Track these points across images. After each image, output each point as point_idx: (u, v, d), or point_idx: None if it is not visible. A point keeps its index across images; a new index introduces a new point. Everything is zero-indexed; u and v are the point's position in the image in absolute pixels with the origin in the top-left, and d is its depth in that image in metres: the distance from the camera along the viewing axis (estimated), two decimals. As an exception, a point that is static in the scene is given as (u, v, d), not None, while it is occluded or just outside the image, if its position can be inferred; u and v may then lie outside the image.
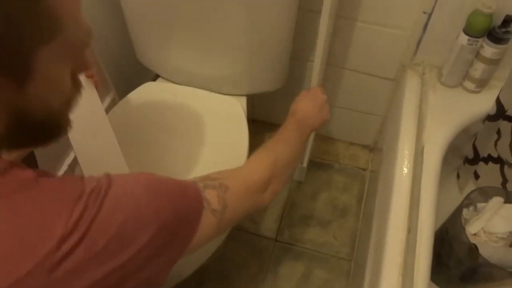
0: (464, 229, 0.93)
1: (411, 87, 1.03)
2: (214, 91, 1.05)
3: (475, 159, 1.06)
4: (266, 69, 1.02)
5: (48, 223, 0.35)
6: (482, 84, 0.99)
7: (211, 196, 0.51)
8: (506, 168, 1.00)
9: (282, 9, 0.88)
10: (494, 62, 0.93)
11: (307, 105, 0.84)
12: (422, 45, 1.02)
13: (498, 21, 0.88)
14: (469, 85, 0.99)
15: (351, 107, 1.30)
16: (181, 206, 0.46)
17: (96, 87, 0.66)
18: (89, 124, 0.65)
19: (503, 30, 0.88)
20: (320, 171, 1.39)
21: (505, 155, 0.97)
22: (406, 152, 0.89)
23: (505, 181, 1.02)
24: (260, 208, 0.64)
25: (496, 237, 0.91)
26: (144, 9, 0.94)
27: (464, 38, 0.91)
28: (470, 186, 1.11)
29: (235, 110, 1.02)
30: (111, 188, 0.40)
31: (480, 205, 0.99)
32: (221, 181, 0.55)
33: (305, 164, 1.28)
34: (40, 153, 0.70)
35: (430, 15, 0.94)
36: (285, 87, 1.11)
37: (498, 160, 1.02)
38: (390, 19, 1.01)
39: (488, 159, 1.04)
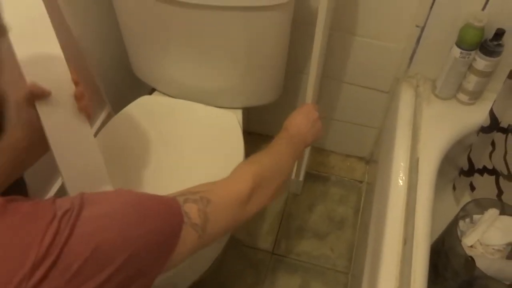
0: (460, 241, 0.93)
1: (405, 99, 1.04)
2: (210, 104, 1.06)
3: (470, 170, 1.07)
4: (261, 83, 1.03)
5: (20, 250, 0.35)
6: (475, 96, 1.00)
7: (191, 210, 0.51)
8: (501, 179, 1.01)
9: (276, 23, 0.89)
10: (486, 75, 0.94)
11: (300, 121, 0.85)
12: (415, 58, 1.03)
13: (490, 34, 0.89)
14: (463, 97, 1.00)
15: (347, 119, 1.31)
16: (161, 222, 0.46)
17: (89, 119, 0.63)
18: (77, 150, 0.63)
19: (495, 43, 0.89)
20: (317, 183, 1.39)
21: (500, 167, 0.97)
22: (401, 164, 0.90)
23: (500, 192, 1.02)
24: (245, 220, 0.63)
25: (493, 249, 0.91)
26: (140, 24, 0.95)
27: (456, 51, 0.92)
28: (466, 198, 1.11)
29: (230, 123, 1.03)
30: (83, 209, 0.39)
31: (476, 216, 0.99)
32: (202, 194, 0.55)
33: (301, 178, 1.28)
34: (30, 177, 0.70)
35: (423, 28, 0.95)
36: (280, 99, 1.12)
37: (493, 172, 1.02)
38: (383, 33, 1.02)
39: (484, 170, 1.04)
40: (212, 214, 0.54)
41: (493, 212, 0.97)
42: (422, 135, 0.95)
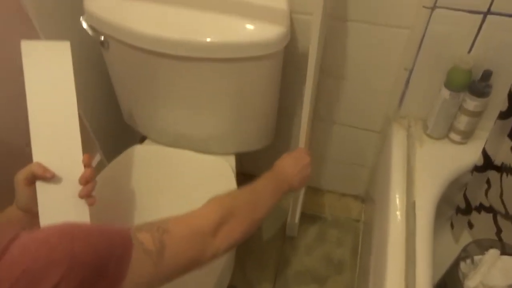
0: (462, 283, 0.91)
1: (398, 140, 1.04)
2: (202, 151, 1.05)
3: (467, 209, 1.06)
4: (253, 129, 1.02)
5: None
6: (467, 135, 1.00)
7: (144, 237, 0.50)
8: (499, 218, 1.00)
9: (266, 72, 0.90)
10: (477, 115, 0.95)
11: (288, 163, 0.85)
12: (405, 99, 1.03)
13: (478, 75, 0.90)
14: (455, 136, 1.00)
15: (339, 159, 1.30)
16: (102, 244, 0.45)
17: (90, 205, 0.61)
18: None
19: (483, 84, 0.90)
20: (313, 224, 1.37)
21: (497, 206, 0.97)
22: (398, 212, 0.89)
23: (499, 230, 1.01)
24: (215, 255, 0.59)
25: (496, 291, 0.89)
26: (130, 75, 0.96)
27: (446, 93, 0.93)
28: (465, 235, 1.10)
29: (223, 170, 1.01)
30: (18, 238, 0.40)
31: (477, 257, 0.97)
32: (160, 224, 0.54)
33: (297, 220, 1.26)
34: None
35: (411, 71, 0.97)
36: (273, 142, 1.12)
37: (491, 210, 1.01)
38: (372, 76, 1.03)
39: (480, 208, 1.03)
40: (169, 241, 0.52)
41: (494, 252, 0.95)
42: (417, 178, 0.94)
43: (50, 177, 0.58)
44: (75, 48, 0.65)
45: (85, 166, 0.61)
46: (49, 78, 0.60)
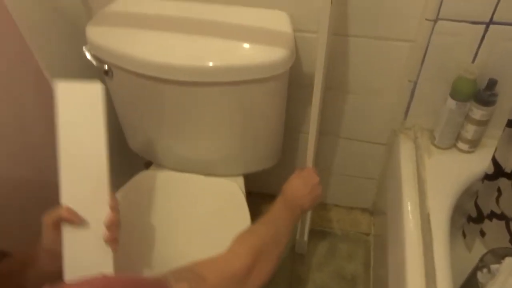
0: (482, 295, 0.90)
1: (405, 152, 1.03)
2: (209, 174, 1.04)
3: (479, 217, 1.05)
4: (260, 150, 1.02)
5: None
6: (475, 144, 1.00)
7: (182, 287, 0.50)
8: (511, 225, 0.99)
9: (272, 93, 0.89)
10: (483, 123, 0.95)
11: (297, 185, 0.85)
12: (411, 110, 1.03)
13: (483, 84, 0.90)
14: (463, 146, 1.00)
15: (346, 172, 1.29)
16: None
17: (114, 251, 0.60)
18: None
19: (488, 93, 0.90)
20: (322, 239, 1.36)
21: (509, 212, 0.96)
22: (412, 225, 0.89)
23: (513, 237, 1.00)
24: None
25: (516, 300, 0.88)
26: (134, 102, 0.95)
27: (452, 103, 0.93)
28: (478, 244, 1.09)
29: (233, 192, 1.00)
30: None
31: (493, 266, 0.97)
32: (197, 271, 0.54)
33: (305, 237, 1.24)
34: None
35: (415, 83, 0.97)
36: (280, 160, 1.11)
37: (503, 217, 1.01)
38: (376, 88, 1.03)
39: (492, 215, 1.03)
40: None
41: (510, 261, 0.95)
42: (429, 189, 0.93)
43: (79, 223, 0.57)
44: (77, 77, 0.66)
45: (111, 208, 0.60)
46: (81, 120, 0.60)
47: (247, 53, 0.81)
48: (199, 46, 0.83)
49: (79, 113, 0.61)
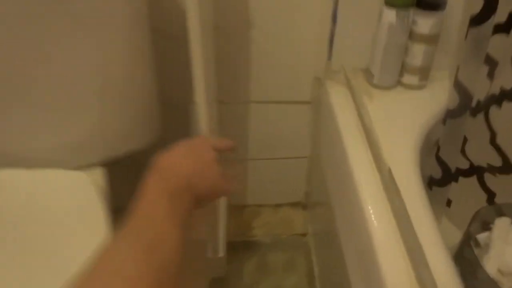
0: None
1: (339, 101, 0.77)
2: (45, 166, 0.68)
3: (445, 176, 0.79)
4: (124, 123, 0.68)
5: None
6: (425, 74, 0.76)
7: None
8: (488, 177, 0.74)
9: (126, 36, 0.60)
10: (434, 40, 0.72)
11: (179, 159, 0.49)
12: (335, 44, 0.77)
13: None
14: (410, 79, 0.76)
15: (266, 154, 1.01)
16: None
17: None
18: None
19: (436, -10, 0.66)
20: (246, 253, 1.05)
21: (481, 158, 0.71)
22: (370, 189, 0.59)
23: (492, 194, 0.75)
24: None
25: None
26: None
27: (390, 14, 0.68)
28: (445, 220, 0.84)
29: (83, 192, 0.64)
30: None
31: (480, 236, 0.70)
32: None
33: (221, 253, 0.90)
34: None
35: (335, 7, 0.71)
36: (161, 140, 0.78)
37: (472, 171, 0.76)
38: (286, 24, 0.78)
39: (458, 173, 0.78)
40: None
41: (501, 223, 0.69)
42: (381, 141, 0.65)
43: None
44: None
45: None
46: None
47: None
48: None
49: None
